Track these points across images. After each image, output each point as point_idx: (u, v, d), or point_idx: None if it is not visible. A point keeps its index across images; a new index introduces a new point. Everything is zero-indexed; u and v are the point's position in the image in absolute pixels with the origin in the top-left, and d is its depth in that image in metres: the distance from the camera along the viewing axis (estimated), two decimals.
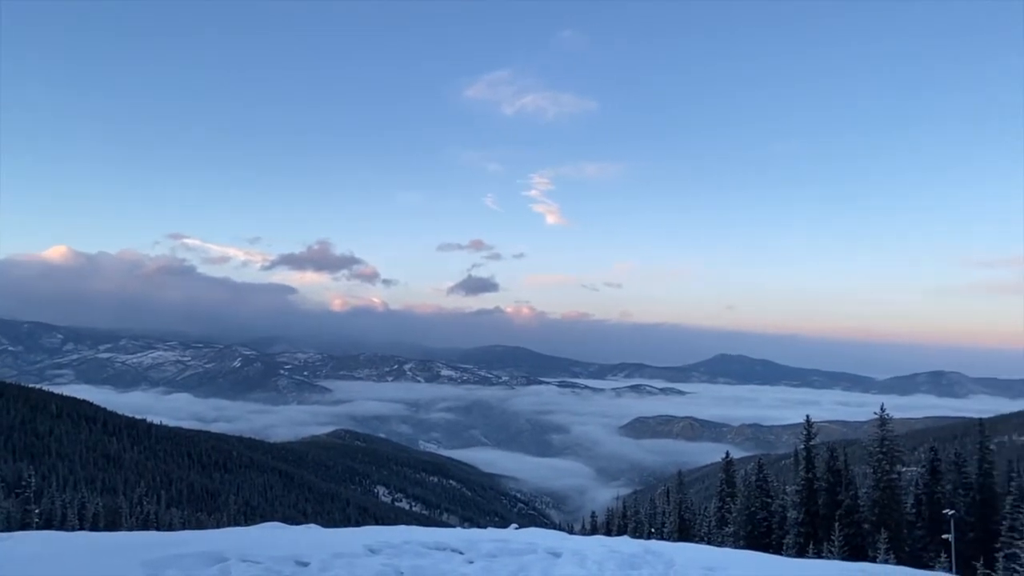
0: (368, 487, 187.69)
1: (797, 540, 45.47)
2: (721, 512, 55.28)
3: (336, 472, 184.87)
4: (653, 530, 61.45)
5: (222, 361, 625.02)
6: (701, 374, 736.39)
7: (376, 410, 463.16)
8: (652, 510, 71.53)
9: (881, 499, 44.08)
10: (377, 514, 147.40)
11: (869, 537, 42.13)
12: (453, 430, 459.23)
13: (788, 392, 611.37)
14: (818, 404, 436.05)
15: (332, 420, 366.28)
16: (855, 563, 15.57)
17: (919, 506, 46.64)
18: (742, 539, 48.31)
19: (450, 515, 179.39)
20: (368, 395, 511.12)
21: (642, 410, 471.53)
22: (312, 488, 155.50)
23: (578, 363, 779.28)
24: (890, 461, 44.88)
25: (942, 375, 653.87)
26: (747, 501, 50.61)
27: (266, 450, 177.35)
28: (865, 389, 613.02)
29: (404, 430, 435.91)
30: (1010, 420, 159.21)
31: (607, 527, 76.93)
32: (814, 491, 46.75)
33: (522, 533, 15.90)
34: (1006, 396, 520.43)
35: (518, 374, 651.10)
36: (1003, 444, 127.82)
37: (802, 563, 15.32)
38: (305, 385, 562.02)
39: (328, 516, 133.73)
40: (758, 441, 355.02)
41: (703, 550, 15.74)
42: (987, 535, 43.49)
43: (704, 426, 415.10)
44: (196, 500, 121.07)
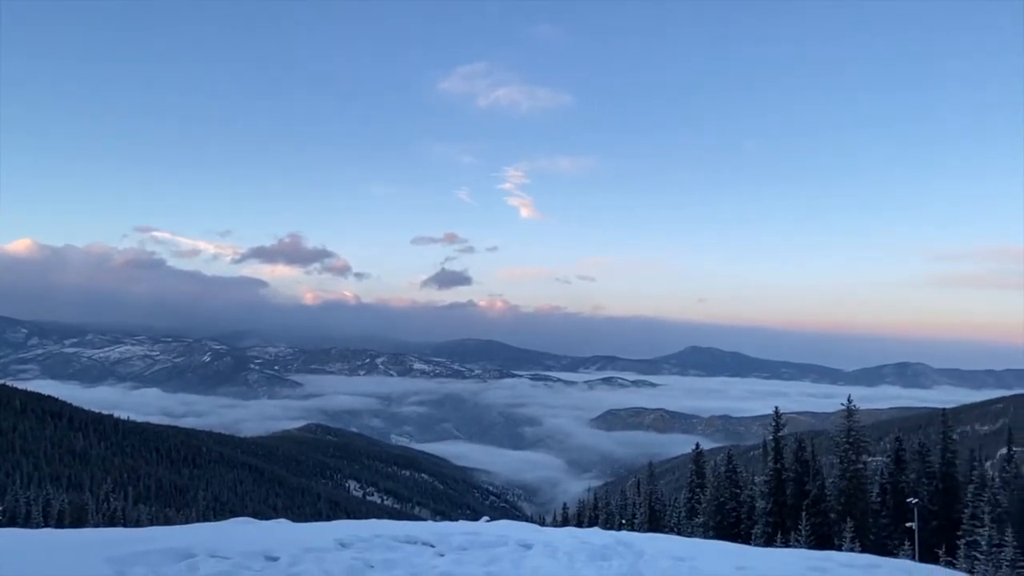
0: (339, 481, 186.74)
1: (765, 530, 46.09)
2: (691, 503, 55.84)
3: (307, 467, 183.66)
4: (624, 521, 61.92)
5: (191, 355, 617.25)
6: (672, 366, 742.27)
7: (348, 404, 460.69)
8: (623, 501, 72.05)
9: (847, 488, 44.86)
10: (348, 508, 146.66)
11: (836, 526, 42.84)
12: (425, 424, 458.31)
13: (758, 384, 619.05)
14: (787, 396, 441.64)
15: (303, 414, 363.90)
16: (821, 551, 15.82)
17: (884, 495, 47.52)
18: (712, 529, 48.85)
19: (422, 509, 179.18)
20: (340, 389, 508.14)
21: (614, 402, 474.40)
22: (283, 483, 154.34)
23: (551, 356, 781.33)
24: (856, 451, 45.68)
25: (907, 367, 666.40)
26: (717, 492, 51.18)
27: (236, 445, 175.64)
28: (833, 381, 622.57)
29: (376, 424, 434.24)
30: (972, 410, 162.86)
31: (578, 519, 77.37)
32: (782, 481, 47.44)
33: (493, 526, 15.93)
34: (969, 387, 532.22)
35: (491, 367, 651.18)
36: (965, 434, 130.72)
37: (770, 552, 15.54)
38: (276, 379, 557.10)
39: (299, 511, 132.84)
40: (728, 432, 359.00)
41: (673, 540, 15.89)
42: (949, 523, 44.42)
43: (675, 418, 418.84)
44: (164, 496, 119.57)
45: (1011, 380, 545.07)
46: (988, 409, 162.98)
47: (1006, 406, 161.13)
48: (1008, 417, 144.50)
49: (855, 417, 46.72)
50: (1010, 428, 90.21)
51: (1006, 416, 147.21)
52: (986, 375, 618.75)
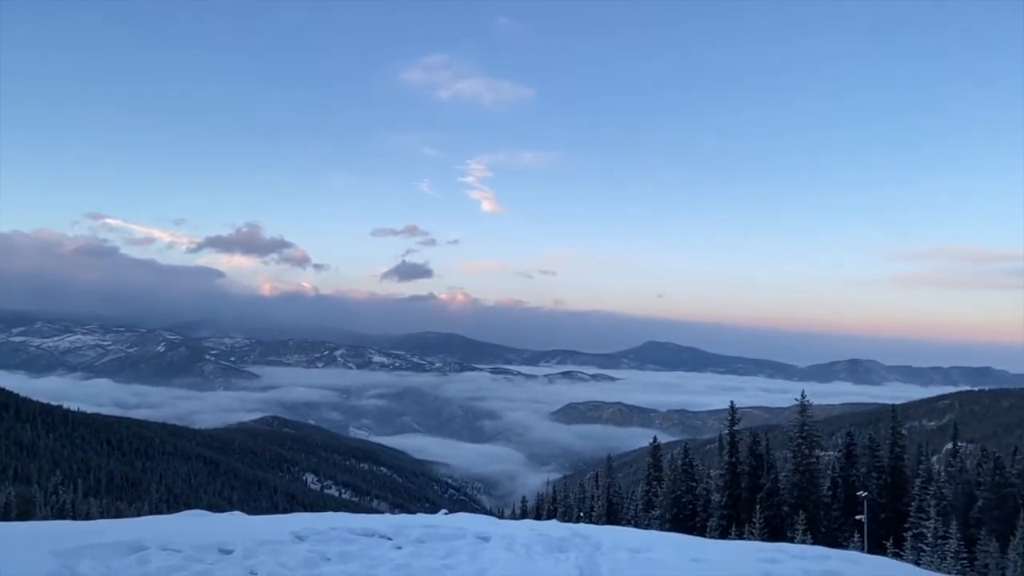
0: (297, 474, 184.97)
1: (720, 522, 46.87)
2: (648, 496, 56.51)
3: (264, 459, 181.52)
4: (582, 514, 62.38)
5: (145, 346, 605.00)
6: (631, 361, 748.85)
7: (305, 396, 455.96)
8: (581, 494, 72.59)
9: (800, 482, 45.82)
10: (305, 501, 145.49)
11: (788, 519, 43.69)
12: (384, 417, 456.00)
13: (714, 378, 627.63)
14: (742, 390, 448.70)
15: (260, 406, 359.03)
16: (774, 544, 16.11)
17: (835, 488, 48.63)
18: (668, 522, 49.48)
19: (380, 502, 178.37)
20: (297, 381, 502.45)
21: (573, 396, 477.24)
22: (238, 475, 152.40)
23: (511, 350, 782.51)
24: (809, 446, 46.68)
25: (859, 363, 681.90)
26: (673, 485, 51.87)
27: (190, 437, 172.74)
28: (787, 376, 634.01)
29: (334, 417, 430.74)
30: (920, 406, 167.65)
31: (537, 511, 77.74)
32: (737, 475, 48.25)
33: (451, 518, 15.90)
34: (918, 383, 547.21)
35: (451, 360, 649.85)
36: (914, 429, 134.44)
37: (724, 544, 15.77)
38: (232, 371, 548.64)
39: (255, 504, 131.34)
40: (685, 426, 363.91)
41: (629, 533, 16.03)
42: (897, 515, 45.65)
43: (633, 412, 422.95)
44: (116, 489, 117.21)
45: (957, 377, 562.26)
46: (935, 405, 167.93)
47: (952, 402, 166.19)
48: (954, 413, 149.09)
49: (808, 412, 47.77)
50: (956, 424, 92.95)
51: (952, 412, 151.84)
52: (934, 372, 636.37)
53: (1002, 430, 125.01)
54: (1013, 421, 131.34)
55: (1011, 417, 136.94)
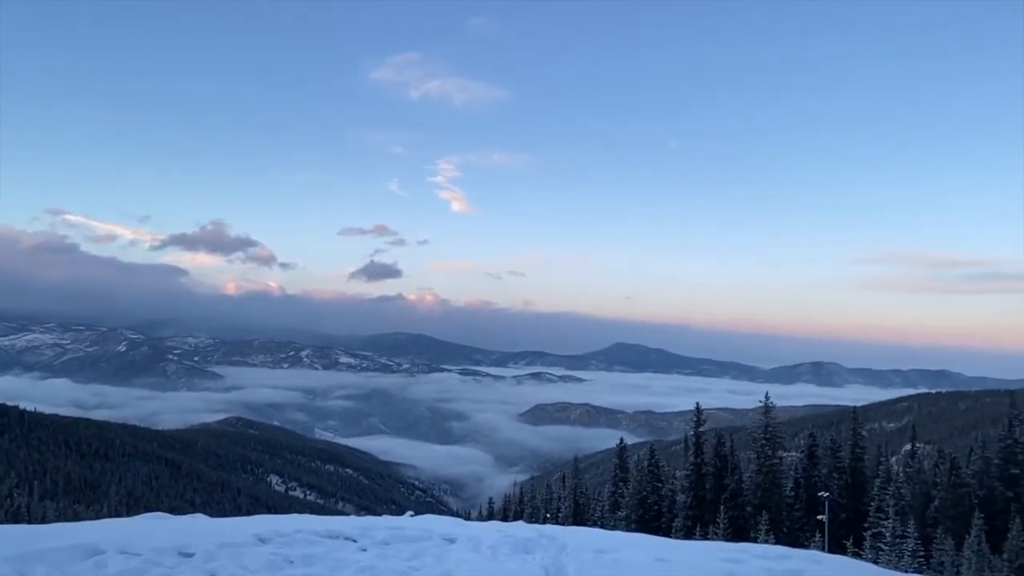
0: (261, 476, 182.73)
1: (685, 523, 47.27)
2: (614, 496, 56.79)
3: (227, 461, 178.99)
4: (548, 515, 62.51)
5: (105, 345, 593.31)
6: (599, 362, 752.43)
7: (270, 397, 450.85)
8: (548, 495, 72.74)
9: (763, 483, 46.40)
10: (270, 503, 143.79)
11: (752, 519, 44.24)
12: (351, 418, 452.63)
13: (680, 380, 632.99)
14: (708, 392, 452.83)
15: (224, 407, 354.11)
16: (737, 544, 16.29)
17: (798, 489, 49.34)
18: (634, 522, 49.78)
19: (346, 504, 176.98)
20: (262, 382, 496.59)
21: (541, 397, 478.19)
22: (201, 477, 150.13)
23: (480, 351, 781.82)
24: (772, 447, 47.31)
25: (822, 366, 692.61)
26: (639, 486, 52.19)
27: (152, 438, 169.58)
28: (752, 378, 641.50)
29: (300, 418, 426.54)
30: (880, 408, 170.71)
31: (504, 513, 77.74)
32: (702, 476, 48.72)
33: (417, 520, 15.83)
34: (878, 385, 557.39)
35: (419, 361, 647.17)
36: (874, 431, 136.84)
37: (688, 544, 15.91)
38: (195, 371, 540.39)
39: (218, 506, 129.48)
40: (651, 427, 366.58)
41: (595, 533, 16.10)
42: (857, 515, 46.46)
43: (600, 413, 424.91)
44: (74, 491, 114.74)
45: (916, 379, 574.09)
46: (895, 407, 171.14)
47: (911, 404, 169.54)
48: (913, 415, 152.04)
49: (772, 414, 48.43)
50: (914, 425, 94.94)
51: (911, 414, 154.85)
52: (894, 375, 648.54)
53: (958, 432, 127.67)
54: (969, 423, 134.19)
55: (967, 419, 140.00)
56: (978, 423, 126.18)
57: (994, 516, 42.21)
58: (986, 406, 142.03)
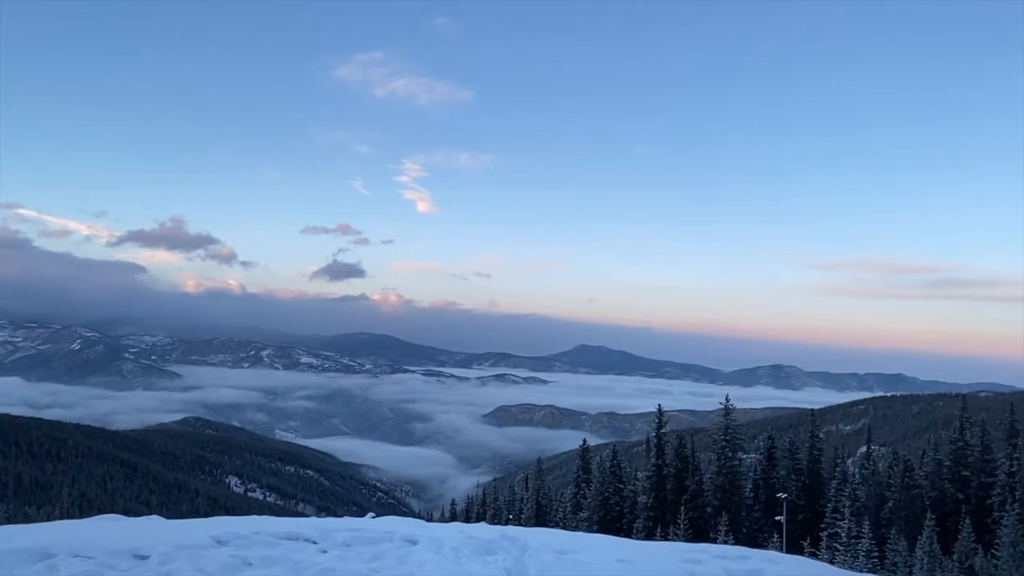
0: (219, 477, 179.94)
1: (646, 524, 47.63)
2: (577, 498, 57.04)
3: (184, 461, 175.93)
4: (511, 516, 62.57)
5: (59, 343, 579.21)
6: (563, 364, 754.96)
7: (230, 397, 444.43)
8: (511, 496, 72.82)
9: (723, 484, 47.00)
10: (228, 505, 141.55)
11: (712, 520, 44.76)
12: (312, 419, 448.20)
13: (643, 382, 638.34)
14: (670, 394, 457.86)
15: (182, 407, 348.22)
16: (697, 544, 16.45)
17: (757, 490, 50.06)
18: (596, 523, 50.05)
19: (306, 505, 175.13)
20: (222, 381, 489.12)
21: (505, 398, 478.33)
22: (157, 478, 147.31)
23: (444, 352, 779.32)
24: (732, 448, 47.97)
25: (781, 368, 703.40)
26: (601, 487, 52.48)
27: (107, 438, 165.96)
28: (713, 380, 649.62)
29: (260, 418, 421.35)
30: (837, 411, 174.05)
31: (466, 514, 77.66)
32: (663, 477, 49.15)
33: (379, 522, 15.70)
34: (835, 388, 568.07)
35: (382, 362, 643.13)
36: (831, 433, 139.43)
37: (649, 545, 16.03)
38: (153, 370, 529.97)
39: (174, 507, 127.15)
40: (614, 429, 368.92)
41: (557, 534, 16.14)
42: (814, 516, 47.29)
43: (564, 414, 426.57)
44: (24, 493, 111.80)
45: (872, 383, 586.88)
46: (851, 410, 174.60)
47: (867, 407, 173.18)
48: (868, 418, 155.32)
49: (732, 416, 49.10)
50: (870, 428, 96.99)
51: (867, 417, 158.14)
52: (850, 378, 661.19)
53: (912, 434, 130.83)
54: (922, 425, 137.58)
55: (920, 422, 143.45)
56: (931, 426, 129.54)
57: (945, 517, 43.31)
58: (939, 409, 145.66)
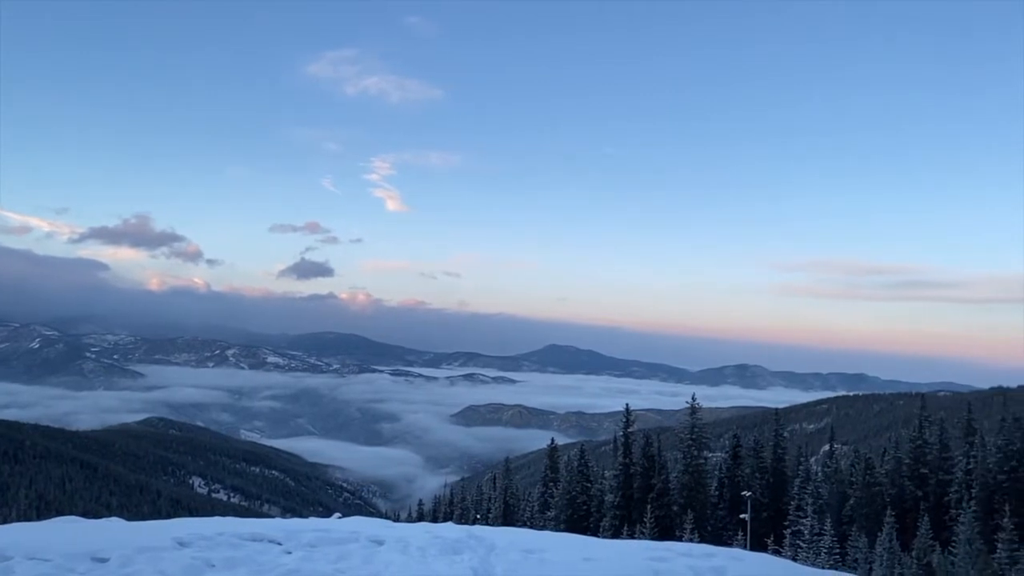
0: (182, 478, 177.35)
1: (613, 522, 47.92)
2: (544, 497, 57.23)
3: (147, 462, 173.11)
4: (478, 516, 62.54)
5: (17, 341, 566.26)
6: (532, 363, 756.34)
7: (194, 397, 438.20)
8: (478, 496, 72.79)
9: (689, 482, 47.45)
10: (191, 506, 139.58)
11: (678, 518, 45.17)
12: (278, 419, 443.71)
13: (611, 381, 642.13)
14: (637, 393, 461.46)
15: (144, 407, 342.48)
16: (663, 542, 16.60)
17: (722, 488, 50.65)
18: (563, 522, 50.24)
19: (271, 506, 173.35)
20: (186, 381, 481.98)
21: (474, 398, 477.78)
22: (118, 480, 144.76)
23: (413, 351, 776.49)
24: (698, 447, 48.46)
25: (747, 368, 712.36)
26: (569, 486, 52.71)
27: (66, 439, 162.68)
28: (680, 380, 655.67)
29: (224, 418, 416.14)
30: (801, 410, 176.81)
31: (433, 514, 77.48)
32: (630, 476, 49.49)
33: (345, 522, 15.60)
34: (800, 388, 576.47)
35: (350, 362, 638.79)
36: (795, 432, 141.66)
37: (615, 544, 16.13)
38: (115, 369, 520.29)
39: (136, 509, 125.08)
40: (582, 428, 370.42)
41: (524, 534, 16.17)
42: (778, 514, 47.96)
43: (532, 414, 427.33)
44: None
45: (835, 382, 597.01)
46: (814, 409, 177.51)
47: (830, 407, 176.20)
48: (831, 417, 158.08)
49: (698, 415, 49.61)
50: (833, 427, 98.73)
51: (830, 416, 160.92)
52: (814, 377, 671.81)
53: (873, 433, 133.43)
54: (883, 424, 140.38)
55: (881, 420, 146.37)
56: (891, 424, 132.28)
57: (905, 514, 44.22)
58: (899, 408, 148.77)
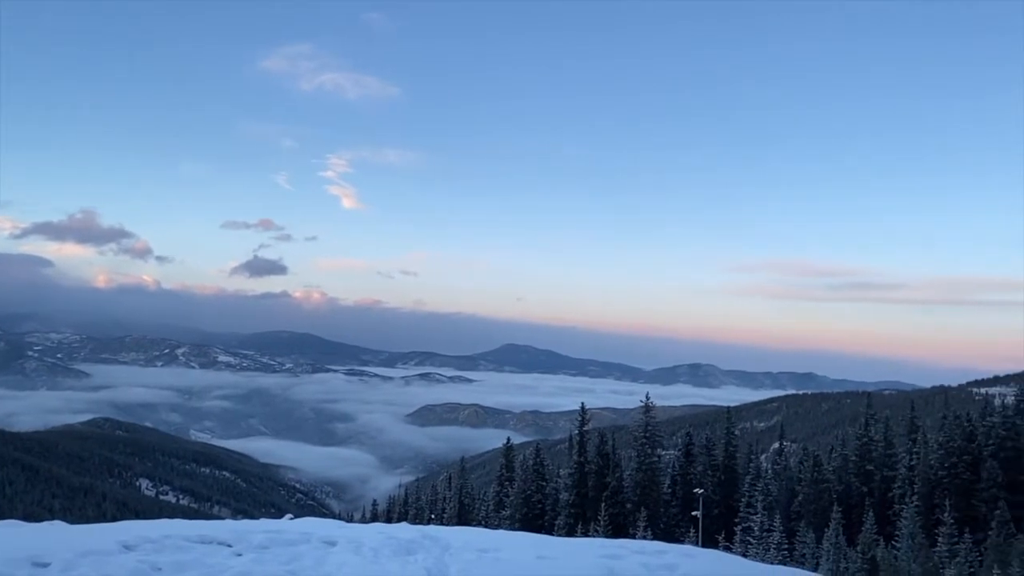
0: (129, 480, 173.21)
1: (568, 521, 48.22)
2: (499, 496, 57.29)
3: (91, 464, 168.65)
4: (433, 516, 62.40)
5: None
6: (489, 363, 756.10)
7: (142, 397, 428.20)
8: (433, 496, 72.60)
9: (643, 480, 48.01)
10: (138, 509, 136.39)
11: (631, 516, 45.62)
12: (229, 419, 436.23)
13: (567, 380, 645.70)
14: (593, 392, 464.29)
15: (90, 407, 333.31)
16: (617, 540, 16.76)
17: (675, 486, 51.35)
18: (518, 521, 50.36)
19: (222, 508, 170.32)
20: (134, 381, 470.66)
21: (430, 398, 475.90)
22: (61, 482, 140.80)
23: (368, 351, 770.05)
24: (652, 445, 49.05)
25: (699, 367, 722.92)
26: (524, 485, 52.86)
27: (6, 440, 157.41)
28: (634, 379, 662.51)
29: (174, 419, 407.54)
30: (752, 408, 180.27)
31: (388, 515, 77.06)
32: (585, 474, 49.86)
33: (297, 523, 15.40)
34: (750, 387, 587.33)
35: (304, 361, 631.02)
36: (746, 430, 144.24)
37: (569, 542, 16.23)
38: (59, 368, 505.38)
39: (80, 513, 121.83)
40: (538, 427, 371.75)
41: (479, 533, 16.17)
42: (729, 510, 48.80)
43: (489, 413, 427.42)
44: None
45: (785, 381, 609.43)
46: (765, 407, 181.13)
47: (780, 405, 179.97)
48: (781, 415, 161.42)
49: (652, 414, 50.23)
50: (782, 425, 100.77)
51: (780, 414, 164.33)
52: (765, 376, 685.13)
53: (821, 431, 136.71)
54: (831, 422, 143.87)
55: (829, 419, 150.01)
56: (839, 422, 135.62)
57: (850, 510, 45.36)
58: (846, 407, 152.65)
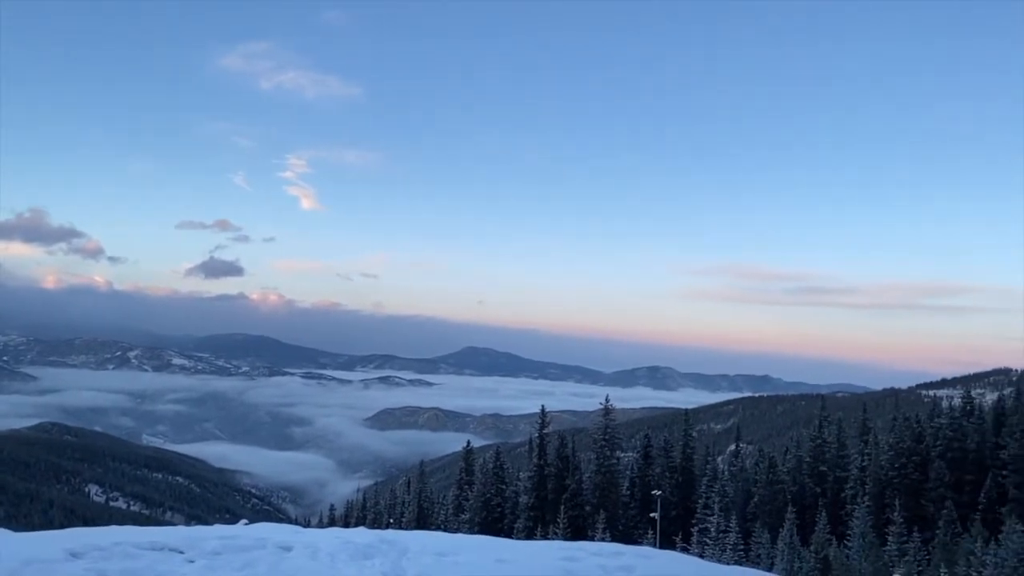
0: (78, 486, 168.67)
1: (527, 524, 48.25)
2: (459, 500, 57.10)
3: (38, 470, 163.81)
4: (392, 520, 61.94)
5: None
6: (449, 366, 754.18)
7: (92, 401, 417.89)
8: (392, 500, 72.10)
9: (602, 483, 48.27)
10: (87, 515, 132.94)
11: (590, 518, 45.82)
12: (183, 423, 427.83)
13: (528, 383, 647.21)
14: (553, 395, 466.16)
15: (37, 412, 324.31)
16: (575, 542, 16.81)
17: (633, 488, 51.73)
18: (477, 525, 50.24)
19: (175, 514, 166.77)
20: (83, 384, 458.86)
21: (389, 401, 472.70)
22: (6, 488, 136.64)
23: (326, 354, 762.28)
24: (611, 448, 49.37)
25: (658, 370, 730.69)
26: (484, 488, 52.76)
27: None
28: (594, 381, 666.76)
29: (125, 423, 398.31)
30: (709, 411, 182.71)
31: (345, 519, 76.32)
32: (544, 477, 49.95)
33: (252, 528, 15.13)
34: (708, 389, 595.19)
35: (260, 364, 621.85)
36: (703, 432, 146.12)
37: (528, 545, 16.24)
38: (4, 371, 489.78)
39: (26, 519, 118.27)
40: (498, 430, 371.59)
41: (437, 537, 16.09)
42: (686, 512, 49.31)
43: (449, 416, 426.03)
44: None
45: (742, 384, 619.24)
46: (722, 410, 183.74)
47: (736, 407, 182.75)
48: (738, 417, 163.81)
49: (611, 416, 50.57)
50: (739, 427, 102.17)
51: (736, 416, 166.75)
52: (722, 379, 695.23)
53: (776, 432, 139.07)
54: (786, 424, 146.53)
55: (784, 420, 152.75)
56: (794, 424, 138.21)
57: (805, 510, 46.21)
58: (801, 409, 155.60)
